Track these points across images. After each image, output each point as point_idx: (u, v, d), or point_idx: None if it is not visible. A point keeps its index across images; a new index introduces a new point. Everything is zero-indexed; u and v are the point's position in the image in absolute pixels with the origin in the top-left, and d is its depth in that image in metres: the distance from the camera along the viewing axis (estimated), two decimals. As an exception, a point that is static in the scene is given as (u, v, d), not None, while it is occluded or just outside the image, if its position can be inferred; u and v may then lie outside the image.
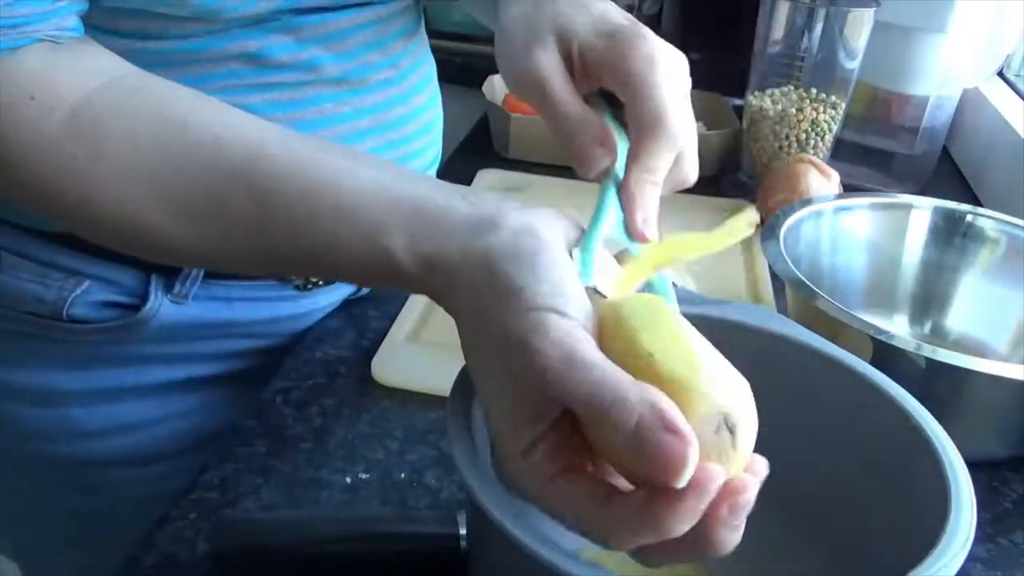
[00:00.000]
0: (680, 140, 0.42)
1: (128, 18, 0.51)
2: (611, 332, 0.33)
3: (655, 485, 0.30)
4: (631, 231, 0.40)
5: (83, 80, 0.43)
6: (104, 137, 0.42)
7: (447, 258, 0.37)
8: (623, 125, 0.45)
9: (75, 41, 0.45)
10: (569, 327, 0.32)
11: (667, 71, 0.43)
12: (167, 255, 0.45)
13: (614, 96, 0.45)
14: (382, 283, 0.41)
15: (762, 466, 0.32)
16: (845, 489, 0.43)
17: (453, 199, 0.39)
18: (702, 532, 0.30)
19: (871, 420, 0.41)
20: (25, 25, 0.43)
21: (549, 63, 0.45)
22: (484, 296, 0.34)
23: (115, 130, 0.42)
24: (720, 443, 0.30)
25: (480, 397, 0.35)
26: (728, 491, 0.30)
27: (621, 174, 0.42)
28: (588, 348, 0.32)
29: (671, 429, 0.29)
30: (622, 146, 0.44)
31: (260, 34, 0.55)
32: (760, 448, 0.32)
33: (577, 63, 0.46)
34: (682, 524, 0.30)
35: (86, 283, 0.59)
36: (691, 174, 0.45)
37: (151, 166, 0.42)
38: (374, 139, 0.63)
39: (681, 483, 0.29)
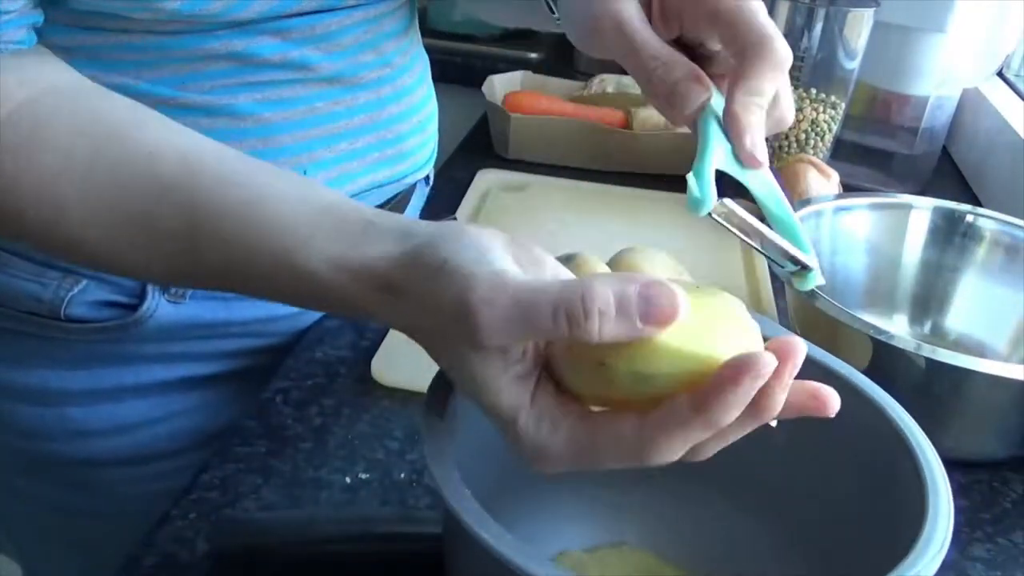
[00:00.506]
0: (786, 63, 0.41)
1: (108, 19, 0.50)
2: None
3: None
4: (741, 156, 0.39)
5: (18, 90, 0.43)
6: (38, 150, 0.42)
7: (377, 266, 0.36)
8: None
9: (19, 52, 0.45)
10: (497, 272, 0.32)
11: (757, 2, 0.41)
12: (101, 268, 0.45)
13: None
14: (316, 303, 0.40)
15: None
16: (826, 494, 0.43)
17: (372, 217, 0.38)
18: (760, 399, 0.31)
19: (856, 425, 0.41)
20: None
21: (629, 8, 0.43)
22: (420, 287, 0.34)
23: (49, 142, 0.42)
24: None
25: (464, 395, 0.35)
26: (785, 354, 0.31)
27: (718, 110, 0.41)
28: (525, 277, 0.32)
29: (644, 283, 0.30)
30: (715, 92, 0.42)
31: (247, 35, 0.54)
32: (743, 455, 0.33)
33: (656, 9, 0.44)
34: (734, 410, 0.30)
35: (83, 282, 0.59)
36: (789, 113, 0.43)
37: (83, 181, 0.42)
38: (367, 138, 0.63)
39: (683, 315, 0.30)
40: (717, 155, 0.38)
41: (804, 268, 0.39)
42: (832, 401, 0.33)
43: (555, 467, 0.34)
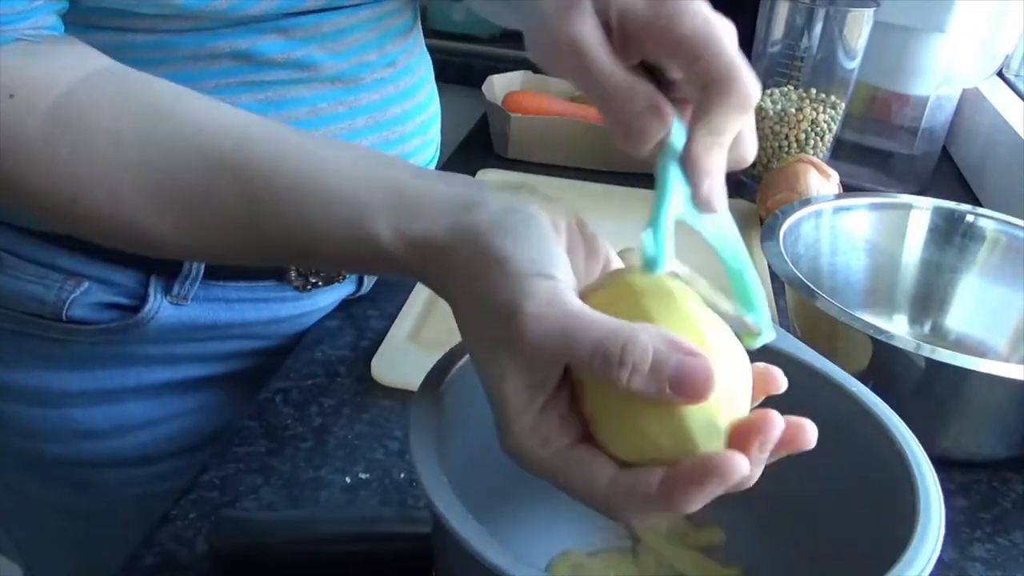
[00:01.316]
0: (753, 100, 0.39)
1: (113, 16, 0.50)
2: (626, 309, 0.34)
3: (670, 466, 0.32)
4: (697, 201, 0.37)
5: (63, 75, 0.43)
6: (87, 133, 0.42)
7: (435, 239, 0.37)
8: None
9: (54, 39, 0.45)
10: (556, 288, 0.33)
11: (726, 29, 0.39)
12: (159, 251, 0.45)
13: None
14: (373, 269, 0.41)
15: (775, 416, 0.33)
16: (820, 498, 0.43)
17: (433, 181, 0.39)
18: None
19: (850, 431, 0.41)
20: (2, 25, 0.42)
21: (588, 29, 0.39)
22: (474, 271, 0.35)
23: (98, 126, 0.42)
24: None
25: (481, 378, 0.36)
26: (754, 429, 0.32)
27: (678, 146, 0.38)
28: (581, 304, 0.33)
29: (688, 352, 0.31)
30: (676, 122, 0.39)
31: (251, 34, 0.54)
32: None
33: (616, 33, 0.41)
34: (697, 503, 0.31)
35: (85, 284, 0.59)
36: (750, 152, 0.42)
37: (136, 163, 0.42)
38: (371, 138, 0.63)
39: (706, 397, 0.30)
40: (675, 203, 0.36)
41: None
42: (808, 434, 0.34)
43: (528, 470, 0.35)
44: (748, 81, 0.38)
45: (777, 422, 0.32)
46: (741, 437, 0.32)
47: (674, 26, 0.38)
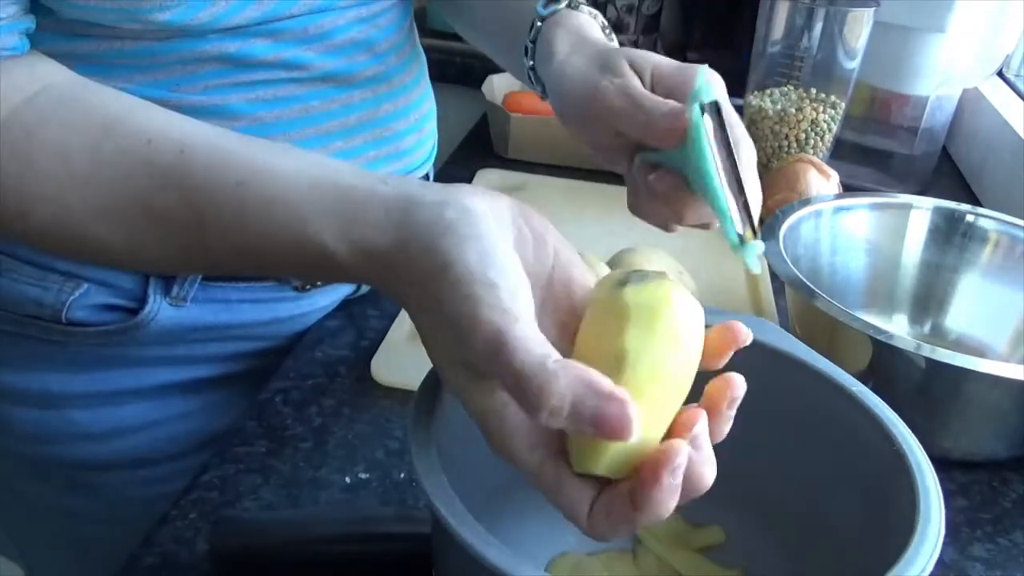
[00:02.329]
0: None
1: (97, 26, 0.51)
2: (611, 329, 0.33)
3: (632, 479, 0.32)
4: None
5: (10, 95, 0.43)
6: (34, 151, 0.42)
7: (377, 244, 0.37)
8: None
9: (14, 58, 0.45)
10: (496, 301, 0.32)
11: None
12: (110, 263, 0.45)
13: None
14: (326, 277, 0.41)
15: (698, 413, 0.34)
16: (820, 499, 0.43)
17: (376, 185, 0.38)
18: (687, 480, 0.32)
19: (850, 431, 0.41)
20: None
21: (626, 70, 0.49)
22: (418, 276, 0.35)
23: (45, 143, 0.42)
24: None
25: (447, 387, 0.36)
26: (683, 425, 0.33)
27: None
28: (518, 327, 0.31)
29: (605, 396, 0.30)
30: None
31: (239, 38, 0.54)
32: (740, 461, 0.34)
33: (648, 81, 0.50)
34: (663, 502, 0.31)
35: (84, 286, 0.59)
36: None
37: (84, 178, 0.42)
38: (363, 136, 0.63)
39: (633, 438, 0.30)
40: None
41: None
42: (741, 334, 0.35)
43: (515, 468, 0.34)
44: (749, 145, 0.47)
45: (699, 416, 0.33)
46: (678, 431, 0.33)
47: (690, 80, 0.46)
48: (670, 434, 0.33)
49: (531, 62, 0.57)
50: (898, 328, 0.72)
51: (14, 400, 0.63)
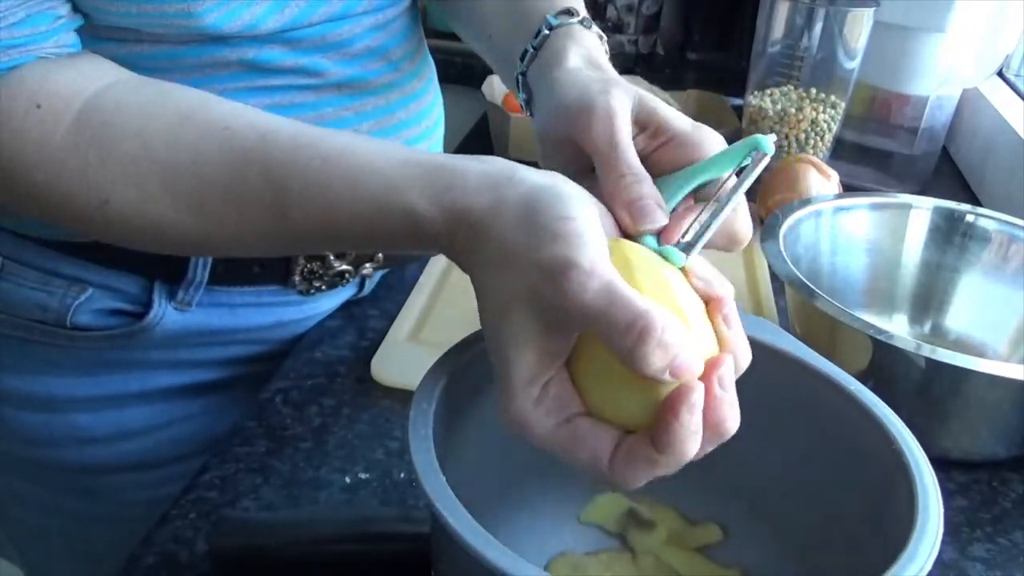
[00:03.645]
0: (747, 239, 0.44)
1: (122, 29, 0.51)
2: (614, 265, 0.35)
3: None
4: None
5: (87, 84, 0.44)
6: (114, 138, 0.43)
7: (472, 207, 0.37)
8: None
9: (74, 55, 0.46)
10: (603, 254, 0.34)
11: None
12: (188, 248, 0.46)
13: None
14: (403, 243, 0.41)
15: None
16: (820, 498, 0.43)
17: (465, 160, 0.40)
18: (709, 421, 0.34)
19: (849, 430, 0.41)
20: (25, 45, 0.43)
21: (625, 111, 0.44)
22: (518, 232, 0.35)
23: (124, 130, 0.43)
24: None
25: (496, 340, 0.36)
26: (710, 367, 0.34)
27: None
28: (620, 280, 0.33)
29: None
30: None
31: (257, 44, 0.54)
32: (739, 455, 0.34)
33: (652, 131, 0.45)
34: (692, 443, 0.33)
35: (89, 291, 0.59)
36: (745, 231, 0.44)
37: (163, 162, 0.43)
38: None
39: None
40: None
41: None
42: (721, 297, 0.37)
43: (527, 439, 0.35)
44: (746, 224, 0.42)
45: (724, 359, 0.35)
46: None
47: (702, 150, 0.42)
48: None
49: (524, 67, 0.55)
50: (898, 328, 0.72)
51: (18, 403, 0.63)
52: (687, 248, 0.39)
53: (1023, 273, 0.69)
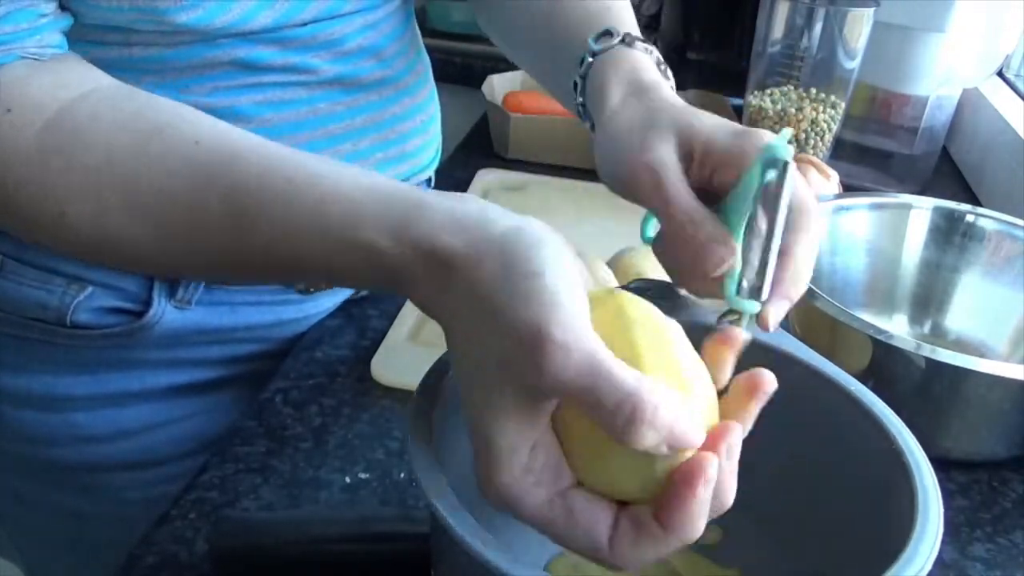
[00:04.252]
0: (818, 238, 0.41)
1: (113, 31, 0.51)
2: (616, 336, 0.33)
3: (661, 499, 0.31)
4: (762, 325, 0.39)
5: (63, 92, 0.43)
6: (80, 148, 0.42)
7: (447, 247, 0.35)
8: None
9: (59, 57, 0.45)
10: (581, 318, 0.31)
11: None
12: (141, 265, 0.45)
13: None
14: (360, 280, 0.39)
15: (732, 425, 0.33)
16: (819, 499, 0.43)
17: (437, 195, 0.38)
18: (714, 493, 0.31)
19: (848, 430, 0.41)
20: (8, 43, 0.43)
21: (669, 157, 0.43)
22: (494, 287, 0.33)
23: (92, 141, 0.42)
24: None
25: (471, 411, 0.33)
26: (718, 436, 0.32)
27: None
28: (600, 343, 0.31)
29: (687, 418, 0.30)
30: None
31: (248, 43, 0.54)
32: (740, 458, 0.34)
33: (698, 157, 0.43)
34: (703, 520, 0.31)
35: (89, 289, 0.59)
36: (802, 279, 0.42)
37: (125, 175, 0.42)
38: (370, 138, 0.63)
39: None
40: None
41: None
42: (766, 382, 0.34)
43: (517, 516, 0.33)
44: (816, 219, 0.40)
45: (732, 427, 0.33)
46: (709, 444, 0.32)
47: (748, 160, 0.40)
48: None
49: (580, 99, 0.54)
50: (898, 328, 0.72)
51: (17, 402, 0.63)
52: (754, 293, 0.37)
53: (1023, 273, 0.69)
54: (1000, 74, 1.15)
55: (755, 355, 0.37)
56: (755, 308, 0.37)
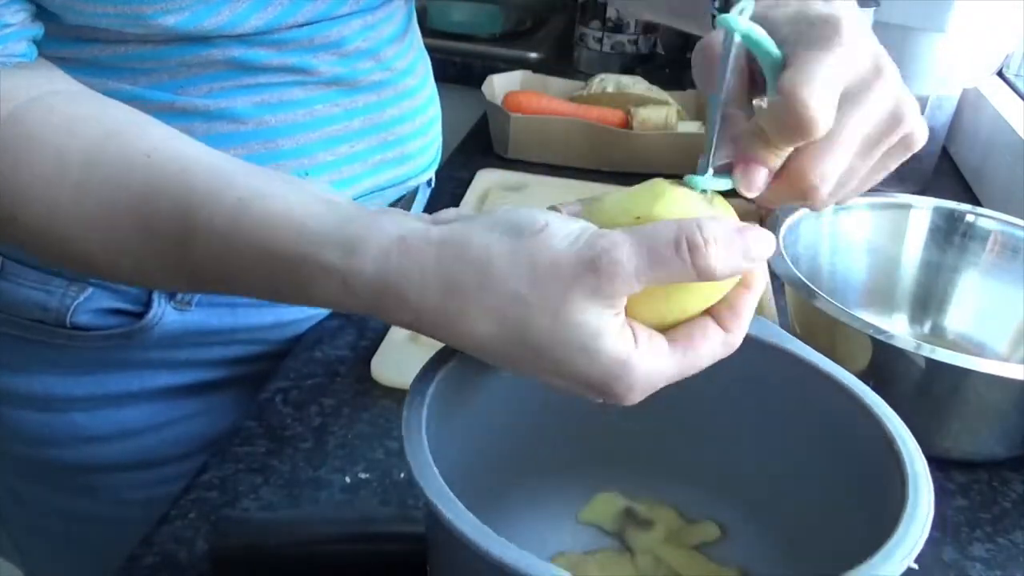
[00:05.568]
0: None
1: (102, 31, 0.51)
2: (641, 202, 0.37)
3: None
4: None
5: (14, 94, 0.43)
6: (32, 151, 0.42)
7: (429, 233, 0.35)
8: None
9: (22, 65, 0.45)
10: (598, 232, 0.34)
11: (844, 60, 0.41)
12: (90, 270, 0.45)
13: None
14: (316, 299, 0.38)
15: None
16: (815, 494, 0.43)
17: (371, 209, 0.38)
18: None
19: (847, 429, 0.41)
20: None
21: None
22: (514, 247, 0.34)
23: (44, 145, 0.42)
24: None
25: (560, 356, 0.35)
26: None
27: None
28: (632, 229, 0.34)
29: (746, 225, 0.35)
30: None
31: (243, 44, 0.54)
32: (737, 452, 0.34)
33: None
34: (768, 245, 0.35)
35: (89, 290, 0.59)
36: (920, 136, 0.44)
37: (76, 182, 0.42)
38: (368, 140, 0.63)
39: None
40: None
41: None
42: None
43: (664, 383, 0.35)
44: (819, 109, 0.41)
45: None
46: None
47: (805, 45, 0.42)
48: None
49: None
50: (898, 328, 0.72)
51: (17, 403, 0.63)
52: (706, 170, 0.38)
53: (1023, 273, 0.69)
54: (1000, 74, 1.15)
55: (755, 353, 0.37)
56: (701, 184, 0.37)
